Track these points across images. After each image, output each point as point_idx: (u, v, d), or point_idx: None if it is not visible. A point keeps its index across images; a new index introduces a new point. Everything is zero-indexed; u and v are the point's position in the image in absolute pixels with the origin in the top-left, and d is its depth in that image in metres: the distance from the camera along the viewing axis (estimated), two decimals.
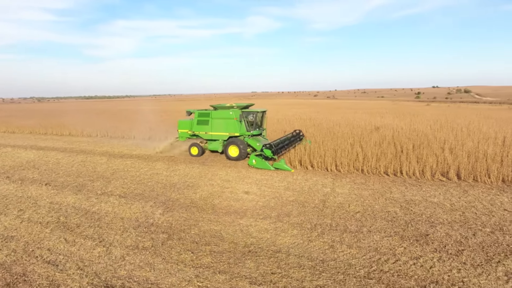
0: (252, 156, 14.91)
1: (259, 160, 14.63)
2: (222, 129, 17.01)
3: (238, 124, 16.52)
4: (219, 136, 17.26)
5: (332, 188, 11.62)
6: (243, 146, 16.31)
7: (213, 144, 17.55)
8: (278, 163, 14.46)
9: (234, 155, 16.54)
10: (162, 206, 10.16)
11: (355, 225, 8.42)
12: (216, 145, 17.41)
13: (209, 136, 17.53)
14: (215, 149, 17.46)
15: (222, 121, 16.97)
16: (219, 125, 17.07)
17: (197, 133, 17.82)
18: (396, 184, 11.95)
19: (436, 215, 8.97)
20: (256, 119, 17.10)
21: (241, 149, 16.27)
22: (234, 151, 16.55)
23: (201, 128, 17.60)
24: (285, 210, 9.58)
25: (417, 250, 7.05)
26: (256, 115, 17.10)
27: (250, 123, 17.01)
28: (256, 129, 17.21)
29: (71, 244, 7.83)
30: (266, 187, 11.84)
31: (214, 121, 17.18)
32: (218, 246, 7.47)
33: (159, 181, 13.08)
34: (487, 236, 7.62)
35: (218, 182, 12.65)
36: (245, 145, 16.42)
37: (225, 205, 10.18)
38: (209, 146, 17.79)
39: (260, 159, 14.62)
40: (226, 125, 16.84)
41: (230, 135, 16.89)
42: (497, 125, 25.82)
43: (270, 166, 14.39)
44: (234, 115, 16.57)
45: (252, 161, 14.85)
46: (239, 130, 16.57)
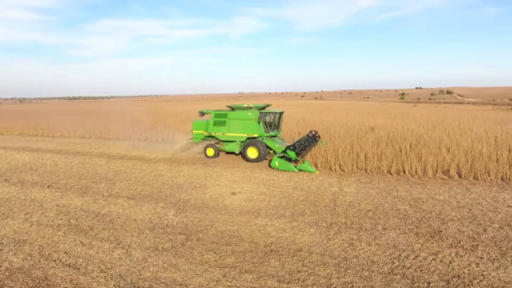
0: (275, 158, 14.54)
1: (282, 162, 14.28)
2: (240, 130, 16.74)
3: (257, 125, 16.28)
4: (236, 137, 16.97)
5: (340, 187, 11.81)
6: (262, 147, 16.07)
7: (230, 146, 17.32)
8: (302, 165, 14.14)
9: (253, 157, 16.31)
10: (174, 207, 10.13)
11: (369, 223, 8.61)
12: (232, 147, 17.20)
13: (226, 137, 17.24)
14: (232, 150, 17.26)
15: (240, 122, 16.70)
16: (237, 126, 16.80)
17: (214, 134, 17.51)
18: (401, 183, 12.24)
19: (445, 212, 9.25)
20: (274, 120, 16.99)
21: (260, 151, 16.06)
22: (253, 152, 16.32)
23: (217, 129, 17.30)
24: (298, 209, 9.70)
25: (433, 246, 7.27)
26: (274, 116, 16.96)
27: (269, 124, 16.86)
28: (274, 130, 17.05)
29: (88, 247, 7.73)
30: (275, 187, 11.94)
31: (232, 122, 16.90)
32: (239, 246, 7.52)
33: (165, 182, 13.02)
34: (497, 232, 7.91)
35: (225, 183, 12.68)
36: (264, 146, 16.20)
37: (237, 205, 10.23)
38: (226, 147, 17.52)
39: (283, 161, 14.27)
40: (244, 126, 16.58)
41: (248, 136, 16.63)
42: (486, 125, 26.66)
43: (294, 168, 14.05)
44: (252, 115, 16.32)
45: (275, 163, 14.45)
46: (257, 131, 16.30)
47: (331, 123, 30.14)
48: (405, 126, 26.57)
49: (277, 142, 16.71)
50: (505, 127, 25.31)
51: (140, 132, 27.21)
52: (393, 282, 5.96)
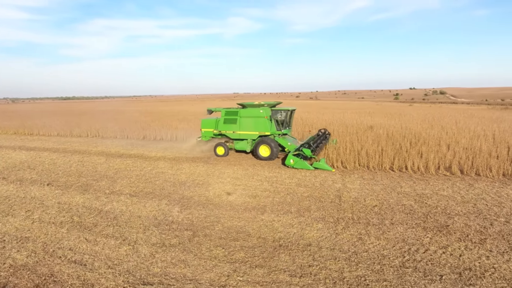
0: (290, 156, 14.19)
1: (297, 160, 13.96)
2: (252, 128, 16.44)
3: (269, 122, 15.99)
4: (248, 135, 16.68)
5: (343, 184, 11.79)
6: (274, 145, 15.79)
7: (240, 144, 17.08)
8: (318, 163, 13.88)
9: (265, 155, 16.03)
10: (178, 204, 10.03)
11: (376, 218, 8.59)
12: (243, 145, 16.97)
13: (237, 135, 16.96)
14: (243, 148, 17.03)
15: (251, 119, 16.40)
16: (248, 124, 16.51)
17: (224, 132, 17.21)
18: (404, 179, 12.26)
19: (450, 207, 9.28)
20: (285, 117, 16.81)
21: (273, 149, 15.75)
22: (265, 150, 16.06)
23: (228, 127, 17.02)
24: (304, 205, 9.66)
25: (442, 240, 7.27)
26: (286, 114, 16.77)
27: (281, 122, 16.67)
28: (286, 128, 16.86)
29: (93, 244, 7.61)
30: (278, 184, 11.89)
31: (243, 119, 16.59)
32: (247, 242, 7.45)
33: (167, 179, 12.90)
34: (504, 226, 7.94)
35: (228, 180, 12.60)
36: (277, 144, 15.93)
37: (242, 201, 10.15)
38: (236, 146, 17.26)
39: (299, 159, 13.96)
40: (256, 124, 16.27)
41: (260, 134, 16.32)
42: (482, 123, 26.89)
43: (309, 166, 13.77)
44: (264, 113, 16.02)
45: (289, 161, 14.12)
46: (269, 129, 16.00)
47: (329, 122, 30.19)
48: (403, 125, 26.68)
49: (289, 140, 16.55)
50: (502, 125, 25.56)
51: (138, 131, 26.99)
52: (405, 275, 5.94)
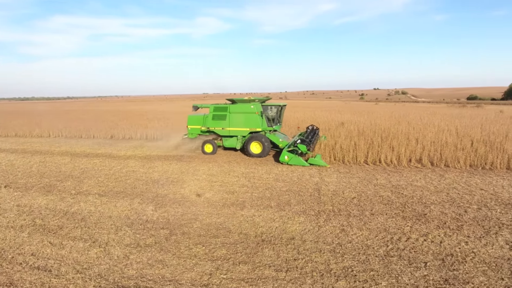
0: (285, 152, 13.82)
1: (292, 156, 13.63)
2: (242, 124, 15.88)
3: (260, 118, 15.56)
4: (238, 132, 16.10)
5: (320, 177, 11.76)
6: (266, 142, 15.36)
7: (230, 141, 16.54)
8: (314, 159, 13.60)
9: (257, 152, 15.57)
10: (152, 203, 9.50)
11: (356, 209, 8.58)
12: (233, 142, 16.45)
13: (226, 132, 16.31)
14: (232, 146, 16.49)
15: (242, 115, 15.85)
16: (238, 120, 15.92)
17: (212, 129, 16.52)
18: (378, 171, 12.45)
19: (425, 196, 9.47)
20: (276, 113, 16.43)
21: (264, 145, 15.34)
22: (257, 147, 15.59)
23: (217, 123, 16.35)
24: (283, 199, 9.48)
25: (422, 228, 7.35)
26: (276, 109, 16.39)
27: (271, 118, 16.28)
28: (277, 124, 16.50)
29: (59, 247, 6.96)
30: (256, 179, 11.64)
31: (233, 115, 15.99)
32: (228, 238, 7.13)
33: (139, 178, 12.26)
34: (477, 212, 8.19)
35: (204, 177, 12.18)
36: (268, 141, 15.49)
37: (220, 198, 9.80)
38: (225, 143, 16.71)
39: (293, 155, 13.65)
40: (247, 120, 15.75)
41: (251, 131, 15.85)
42: (445, 120, 28.18)
43: (305, 162, 13.49)
44: (255, 109, 15.51)
45: (284, 157, 13.74)
46: (261, 125, 15.59)
47: (301, 119, 30.40)
48: (372, 121, 27.37)
49: (280, 137, 16.24)
50: (463, 120, 26.90)
51: (105, 130, 25.72)
52: (391, 264, 5.89)
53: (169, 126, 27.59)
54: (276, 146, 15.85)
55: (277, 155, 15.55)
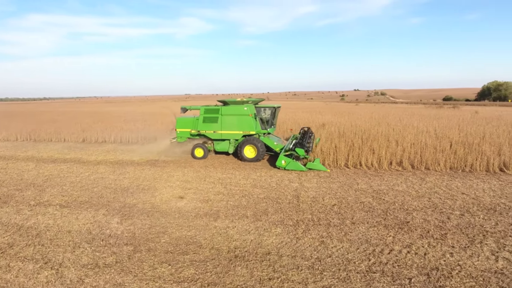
0: (282, 157, 13.13)
1: (289, 161, 12.96)
2: (235, 127, 15.03)
3: (254, 121, 14.76)
4: (231, 135, 15.27)
5: (300, 183, 11.29)
6: (261, 145, 14.58)
7: (222, 144, 15.69)
8: (312, 163, 13.02)
9: (251, 156, 14.79)
10: (118, 214, 8.74)
11: (336, 218, 8.12)
12: (225, 145, 15.61)
13: (218, 135, 15.43)
14: (224, 150, 15.65)
15: (234, 118, 14.99)
16: (231, 122, 15.07)
17: (203, 132, 15.57)
18: (359, 175, 12.10)
19: (407, 202, 9.15)
20: (271, 115, 15.69)
21: (259, 149, 14.55)
22: (251, 151, 14.82)
23: (208, 126, 15.42)
24: (260, 208, 8.93)
25: (405, 238, 6.96)
26: (271, 111, 15.63)
27: (266, 120, 15.52)
28: (271, 127, 15.74)
29: (4, 271, 6.14)
30: (232, 186, 11.05)
31: (225, 118, 15.11)
32: (198, 254, 6.51)
33: (107, 186, 11.43)
34: (460, 219, 7.90)
35: (178, 184, 11.48)
36: (263, 144, 14.71)
37: (192, 207, 9.14)
38: (217, 147, 15.83)
39: (291, 160, 12.97)
40: (240, 123, 14.92)
41: (245, 134, 15.02)
42: (424, 120, 28.44)
43: (303, 167, 12.83)
44: (249, 111, 14.71)
45: (281, 162, 13.05)
46: (255, 128, 14.77)
47: (282, 120, 29.95)
48: (353, 122, 27.29)
49: (274, 140, 15.52)
50: (440, 121, 27.19)
51: (77, 133, 24.48)
52: (373, 281, 5.44)
53: (146, 128, 26.57)
54: (271, 149, 15.20)
55: (271, 159, 15.02)
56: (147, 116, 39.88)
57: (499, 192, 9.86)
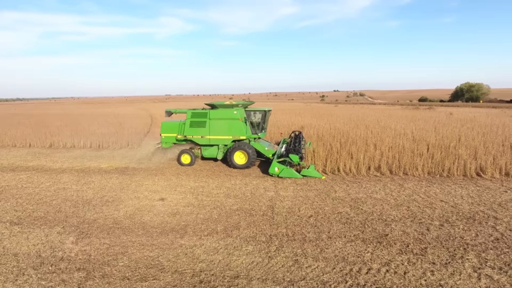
0: (275, 163, 12.47)
1: (283, 168, 12.28)
2: (224, 131, 14.27)
3: (244, 125, 14.05)
4: (220, 140, 14.48)
5: (276, 191, 10.78)
6: (252, 151, 13.85)
7: (210, 150, 14.88)
8: (307, 170, 12.36)
9: (241, 163, 14.01)
10: (75, 232, 7.93)
11: (312, 231, 7.64)
12: (213, 151, 14.80)
13: (206, 140, 14.61)
14: (212, 156, 14.82)
15: (224, 122, 14.22)
16: (220, 127, 14.28)
17: (190, 137, 14.72)
18: (337, 182, 11.71)
19: (386, 212, 8.79)
20: (261, 119, 14.96)
21: (250, 155, 13.81)
22: (241, 157, 14.04)
23: (195, 131, 14.58)
24: (232, 221, 8.34)
25: (384, 254, 6.54)
26: (262, 115, 14.89)
27: (256, 124, 14.78)
28: (262, 131, 14.99)
29: None
30: (204, 196, 10.40)
31: (214, 122, 14.32)
32: (159, 280, 5.84)
33: (68, 198, 10.53)
34: (440, 230, 7.58)
35: (146, 194, 10.72)
36: (254, 150, 13.99)
37: (159, 221, 8.44)
38: (204, 153, 15.00)
39: (285, 167, 12.31)
40: (230, 127, 14.16)
41: (234, 139, 14.28)
42: (401, 122, 28.65)
43: (297, 174, 12.21)
44: (239, 114, 13.94)
45: (274, 169, 12.36)
46: (245, 133, 14.07)
47: None
48: (332, 125, 27.16)
49: (265, 145, 14.81)
50: (417, 123, 27.45)
51: (45, 137, 23.10)
52: None
53: (119, 132, 25.44)
54: (261, 155, 14.55)
55: (262, 164, 14.42)
56: (122, 119, 38.53)
57: (477, 199, 9.67)
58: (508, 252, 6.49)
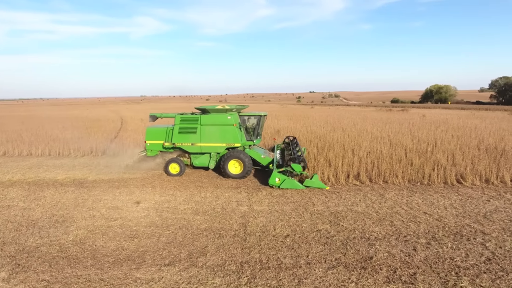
0: (275, 174, 11.52)
1: (284, 179, 11.37)
2: (217, 138, 13.11)
3: (239, 131, 13.00)
4: (212, 148, 13.30)
5: (249, 205, 9.86)
6: (248, 159, 12.78)
7: (201, 159, 13.63)
8: (311, 181, 11.48)
9: (236, 172, 12.91)
10: (10, 264, 6.66)
11: (289, 256, 6.77)
12: (204, 160, 13.55)
13: (197, 148, 13.37)
14: (203, 164, 13.58)
15: (216, 128, 13.06)
16: (212, 133, 13.11)
17: (179, 144, 13.42)
18: (315, 193, 10.95)
19: (368, 228, 8.08)
20: (257, 125, 13.90)
21: (245, 164, 12.72)
22: (236, 166, 12.94)
23: (185, 138, 13.29)
24: (198, 245, 7.33)
25: (369, 283, 5.77)
26: (257, 120, 13.85)
27: (252, 130, 13.70)
28: (257, 138, 13.89)
29: None
30: (169, 213, 9.32)
31: (205, 128, 13.12)
32: None
33: (10, 218, 9.14)
34: (427, 250, 6.93)
35: (103, 212, 9.50)
36: (250, 158, 12.95)
37: (113, 247, 7.31)
38: (195, 161, 13.71)
39: (286, 177, 11.42)
40: (223, 134, 13.01)
41: (228, 146, 13.18)
42: (377, 125, 28.55)
43: (300, 185, 11.34)
44: (233, 120, 12.86)
45: (274, 180, 11.42)
46: (240, 140, 13.00)
47: None
48: (308, 128, 26.61)
49: (261, 152, 13.73)
50: (392, 126, 27.41)
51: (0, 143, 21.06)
52: None
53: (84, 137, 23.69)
54: (257, 163, 13.51)
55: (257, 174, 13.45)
56: (90, 122, 36.39)
57: (461, 210, 9.19)
58: (503, 276, 5.89)
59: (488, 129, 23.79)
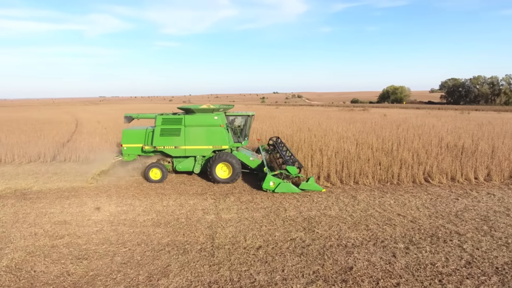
0: (269, 177, 10.72)
1: (279, 182, 10.65)
2: (203, 141, 12.14)
3: (226, 133, 12.13)
4: (198, 151, 12.29)
5: (217, 213, 9.08)
6: (236, 162, 11.89)
7: (185, 163, 12.51)
8: (307, 184, 10.76)
9: (224, 176, 11.98)
10: None
11: (263, 271, 6.09)
12: (189, 164, 12.45)
13: (181, 151, 12.27)
14: (187, 169, 12.46)
15: (202, 129, 12.09)
16: (198, 135, 12.11)
17: (161, 148, 12.26)
18: (286, 197, 10.39)
19: (344, 234, 7.64)
20: (245, 125, 13.02)
21: (234, 167, 11.82)
22: (224, 170, 12.03)
23: (167, 140, 12.15)
24: (160, 264, 6.44)
25: None
26: (244, 120, 12.99)
27: (239, 131, 12.75)
28: (245, 139, 12.99)
29: None
30: (126, 226, 8.28)
31: (190, 130, 12.09)
32: None
33: None
34: (407, 256, 6.58)
35: (47, 228, 8.24)
36: (239, 161, 12.06)
37: (57, 273, 6.20)
38: (178, 166, 12.53)
39: (281, 181, 10.69)
40: (209, 135, 12.08)
41: (215, 149, 12.21)
42: (341, 125, 28.81)
43: (296, 189, 10.67)
44: (220, 120, 11.95)
45: (268, 184, 10.66)
46: (227, 142, 12.12)
47: None
48: (275, 128, 26.25)
49: (249, 154, 12.82)
50: (356, 126, 27.81)
51: None
52: None
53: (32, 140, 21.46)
54: (245, 166, 12.64)
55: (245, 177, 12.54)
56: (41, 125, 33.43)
57: (433, 210, 9.07)
58: (486, 281, 5.64)
59: (445, 127, 24.83)
